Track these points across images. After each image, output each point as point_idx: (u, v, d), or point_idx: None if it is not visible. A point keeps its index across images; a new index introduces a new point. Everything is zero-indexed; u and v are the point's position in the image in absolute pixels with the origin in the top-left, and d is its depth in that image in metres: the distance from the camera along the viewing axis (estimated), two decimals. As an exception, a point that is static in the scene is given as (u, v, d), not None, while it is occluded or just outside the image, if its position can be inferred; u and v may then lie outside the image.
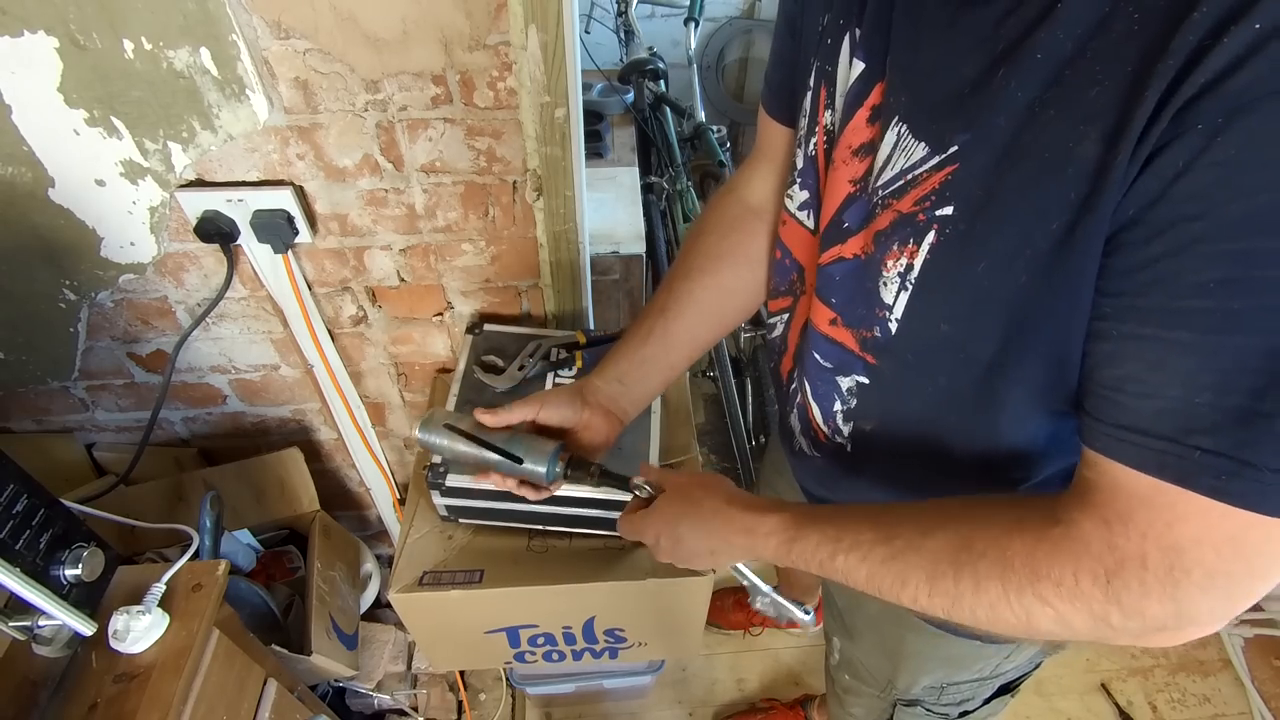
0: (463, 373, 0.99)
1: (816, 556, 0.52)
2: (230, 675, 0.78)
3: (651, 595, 0.92)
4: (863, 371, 0.59)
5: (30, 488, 0.64)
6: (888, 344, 0.55)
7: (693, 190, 1.95)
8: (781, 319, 0.72)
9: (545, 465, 0.66)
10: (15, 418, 1.14)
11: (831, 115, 0.56)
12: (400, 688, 1.47)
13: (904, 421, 0.60)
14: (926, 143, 0.47)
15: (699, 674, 1.62)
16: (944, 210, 0.46)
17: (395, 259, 1.01)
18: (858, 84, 0.52)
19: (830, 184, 0.57)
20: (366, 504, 1.47)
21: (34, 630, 0.65)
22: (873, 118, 0.52)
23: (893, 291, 0.52)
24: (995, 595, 0.44)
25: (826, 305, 0.60)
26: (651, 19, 2.59)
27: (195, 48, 0.75)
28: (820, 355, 0.62)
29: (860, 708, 0.96)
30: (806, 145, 0.60)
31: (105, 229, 0.90)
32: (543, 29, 0.76)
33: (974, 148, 0.44)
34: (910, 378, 0.56)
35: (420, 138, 0.87)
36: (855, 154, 0.54)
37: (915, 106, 0.48)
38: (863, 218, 0.54)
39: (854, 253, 0.55)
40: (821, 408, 0.65)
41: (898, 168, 0.49)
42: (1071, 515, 0.42)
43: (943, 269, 0.48)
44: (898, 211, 0.50)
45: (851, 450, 0.65)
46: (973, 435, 0.56)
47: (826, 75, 0.56)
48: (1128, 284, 0.39)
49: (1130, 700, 1.59)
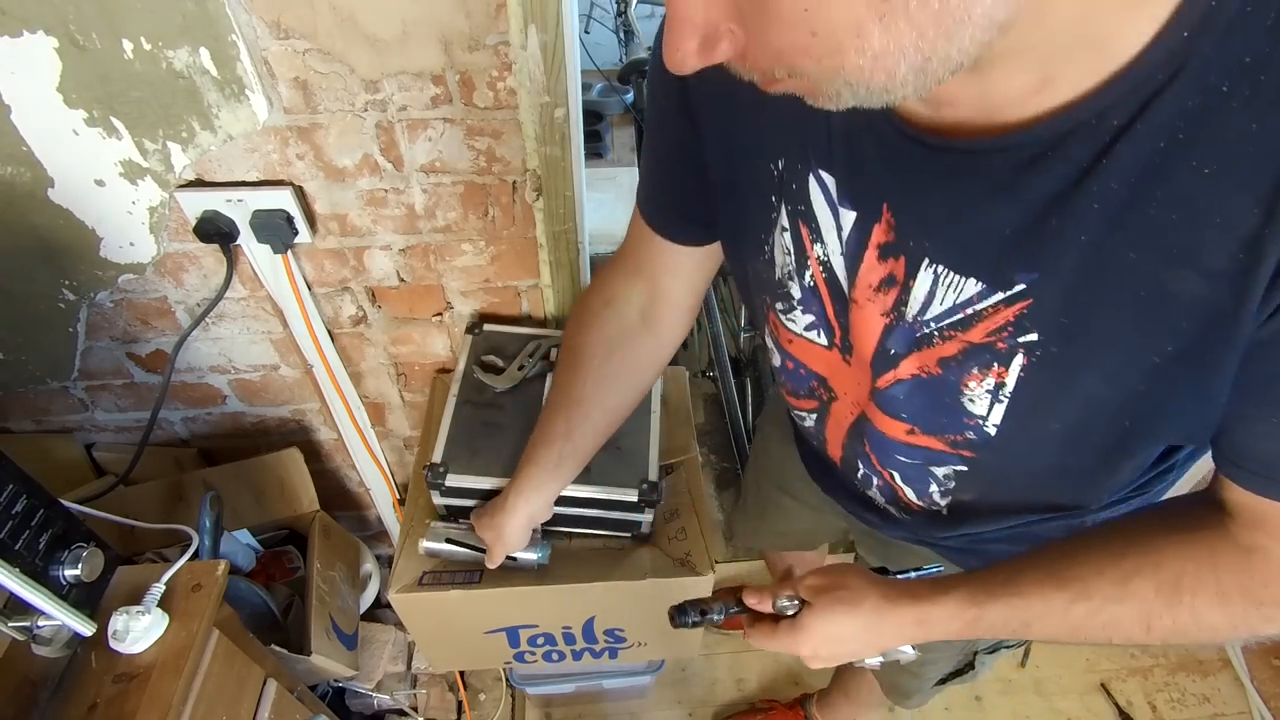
0: (462, 373, 0.99)
1: (1007, 628, 0.54)
2: (230, 675, 0.78)
3: (651, 595, 0.92)
4: (959, 463, 0.58)
5: (30, 488, 0.64)
6: (986, 444, 0.54)
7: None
8: (809, 415, 0.71)
9: (536, 553, 0.88)
10: (15, 418, 1.14)
11: (822, 249, 0.54)
12: (400, 688, 1.47)
13: (1008, 491, 0.61)
14: (980, 280, 0.46)
15: (699, 674, 1.62)
16: (1028, 336, 0.46)
17: (395, 259, 1.01)
18: (855, 230, 0.51)
19: (858, 320, 0.55)
20: (366, 504, 1.47)
21: (33, 630, 0.65)
22: (883, 255, 0.50)
23: (984, 405, 0.51)
24: (1219, 622, 0.48)
25: (897, 420, 0.58)
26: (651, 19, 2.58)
27: (195, 48, 0.75)
28: (902, 456, 0.61)
29: (938, 666, 0.96)
30: (800, 278, 0.58)
31: (105, 229, 0.90)
32: (542, 29, 0.76)
33: (1045, 285, 0.43)
34: (1015, 463, 0.56)
35: (420, 138, 0.87)
36: (878, 290, 0.52)
37: (947, 249, 0.47)
38: (910, 343, 0.52)
39: (913, 373, 0.54)
40: (914, 490, 0.65)
41: (948, 303, 0.48)
42: (1261, 543, 0.47)
43: (1044, 385, 0.47)
44: (966, 341, 0.49)
45: (948, 514, 0.66)
46: (1078, 492, 0.60)
47: (803, 214, 0.54)
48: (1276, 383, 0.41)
49: (1130, 700, 1.59)
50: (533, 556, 0.88)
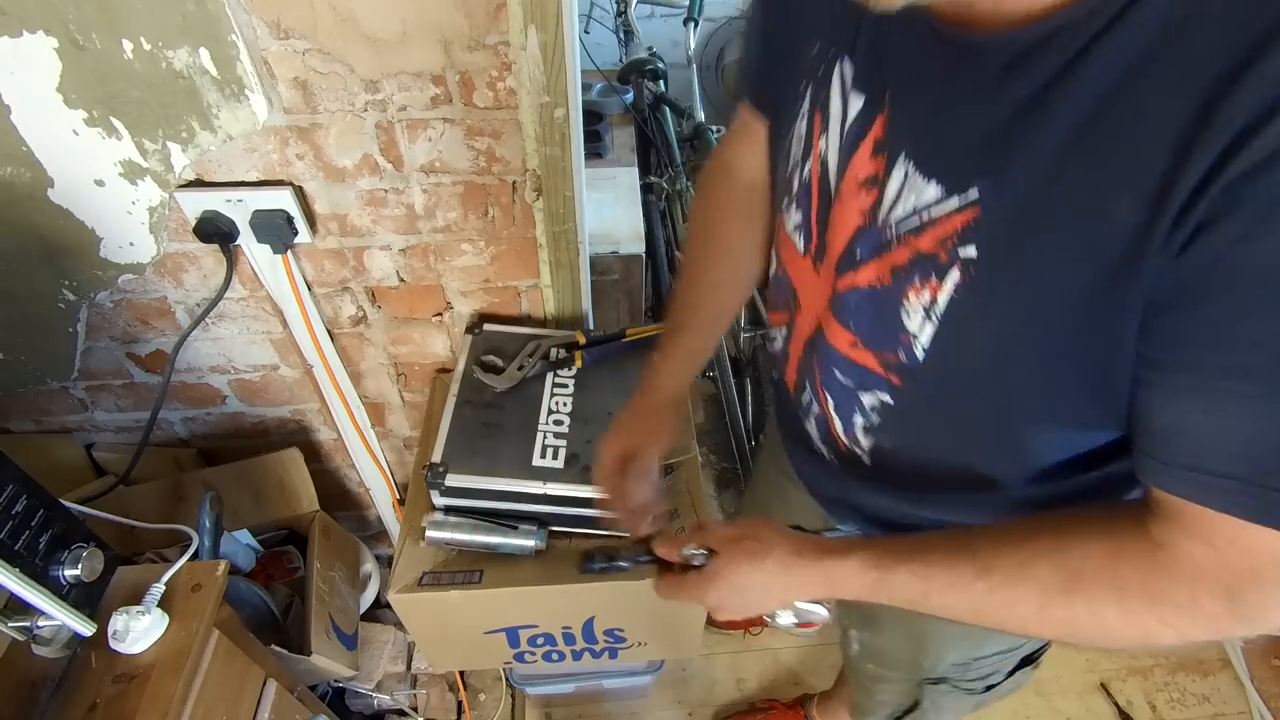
0: (462, 373, 0.99)
1: (905, 594, 0.53)
2: (230, 675, 0.78)
3: (651, 595, 0.91)
4: (887, 391, 0.59)
5: (30, 488, 0.64)
6: (914, 368, 0.54)
7: (692, 190, 1.95)
8: (781, 333, 0.72)
9: (534, 540, 0.89)
10: (15, 418, 1.14)
11: (825, 142, 0.56)
12: (400, 688, 1.47)
13: (926, 440, 0.60)
14: (941, 183, 0.47)
15: (699, 674, 1.62)
16: (967, 251, 0.46)
17: (395, 259, 1.01)
18: (859, 117, 0.52)
19: (838, 214, 0.56)
20: (366, 504, 1.47)
21: (33, 630, 0.65)
22: (876, 150, 0.51)
23: (917, 321, 0.52)
24: (1112, 619, 0.46)
25: (845, 328, 0.59)
26: (651, 19, 2.59)
27: (194, 48, 0.75)
28: (840, 373, 0.62)
29: (888, 692, 0.97)
30: (801, 169, 0.60)
31: (104, 229, 0.90)
32: (542, 29, 0.76)
33: (995, 194, 0.44)
34: (936, 401, 0.56)
35: (420, 138, 0.87)
36: (863, 186, 0.53)
37: (923, 146, 0.48)
38: (874, 248, 0.53)
39: (869, 282, 0.55)
40: (842, 420, 0.65)
41: (909, 205, 0.49)
42: (1172, 539, 0.44)
43: (970, 307, 0.48)
44: (916, 249, 0.50)
45: (870, 464, 0.66)
46: (995, 454, 0.57)
47: (820, 103, 0.56)
48: (1183, 339, 0.40)
49: (1130, 700, 1.59)
50: (529, 543, 0.89)
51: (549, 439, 0.92)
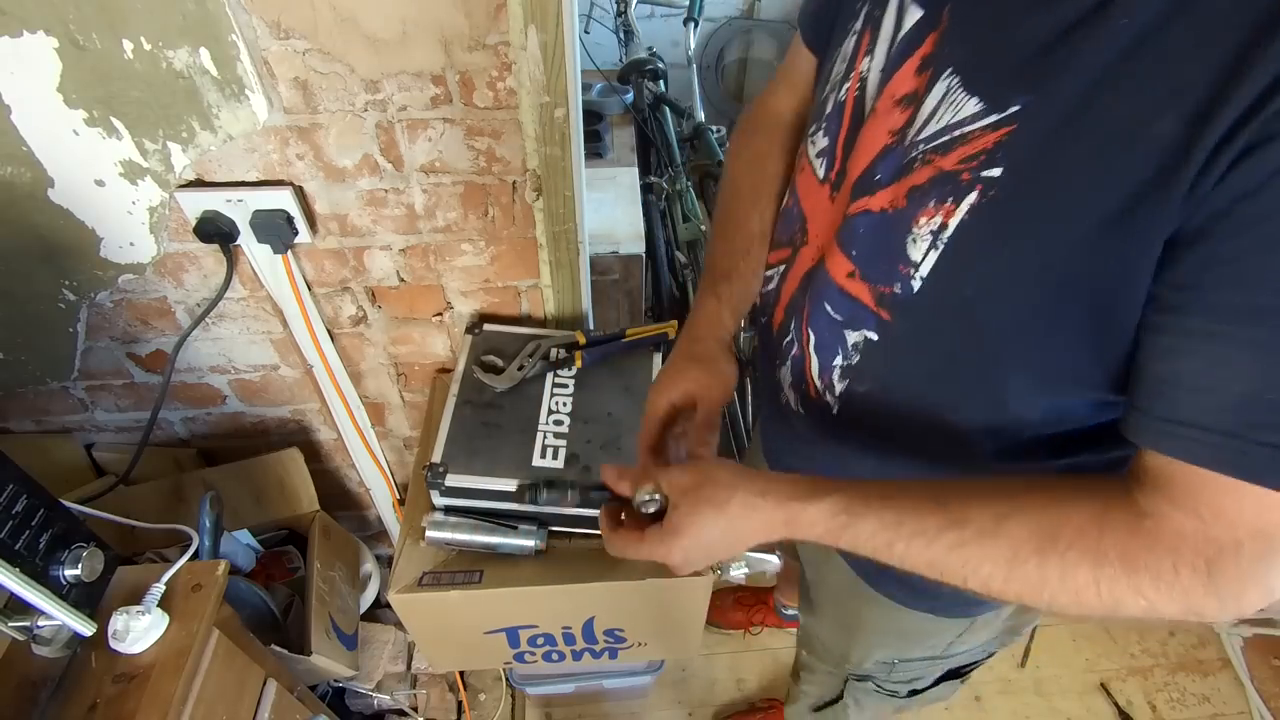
0: (462, 373, 0.99)
1: (871, 543, 0.50)
2: (230, 675, 0.78)
3: (651, 595, 0.92)
4: (874, 327, 0.57)
5: (30, 488, 0.64)
6: (907, 301, 0.53)
7: (692, 190, 1.95)
8: (778, 271, 0.70)
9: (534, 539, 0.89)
10: (15, 418, 1.14)
11: (869, 62, 0.55)
12: (400, 688, 1.47)
13: (903, 385, 0.58)
14: (981, 99, 0.46)
15: (699, 674, 1.62)
16: (991, 171, 0.45)
17: (395, 259, 1.01)
18: (912, 31, 0.51)
19: (867, 133, 0.55)
20: (366, 504, 1.47)
21: (33, 630, 0.65)
22: (921, 67, 0.50)
23: (921, 249, 0.50)
24: (1083, 583, 0.44)
25: (846, 257, 0.58)
26: (651, 19, 2.59)
27: (195, 48, 0.75)
28: (831, 306, 0.60)
29: (814, 684, 0.98)
30: (839, 90, 0.59)
31: (105, 229, 0.90)
32: (542, 29, 0.76)
33: (1036, 111, 0.43)
34: (923, 339, 0.54)
35: (420, 138, 0.87)
36: (898, 104, 0.52)
37: (973, 60, 0.47)
38: (896, 170, 0.52)
39: (881, 206, 0.53)
40: (820, 359, 0.63)
41: (943, 122, 0.48)
42: (1158, 508, 0.43)
43: (980, 232, 0.47)
44: (939, 168, 0.48)
45: (837, 413, 0.63)
46: (971, 408, 0.55)
47: (873, 21, 0.55)
48: (1203, 277, 0.39)
49: (1130, 700, 1.59)
50: (529, 543, 0.89)
51: (549, 439, 0.92)
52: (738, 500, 0.54)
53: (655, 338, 1.05)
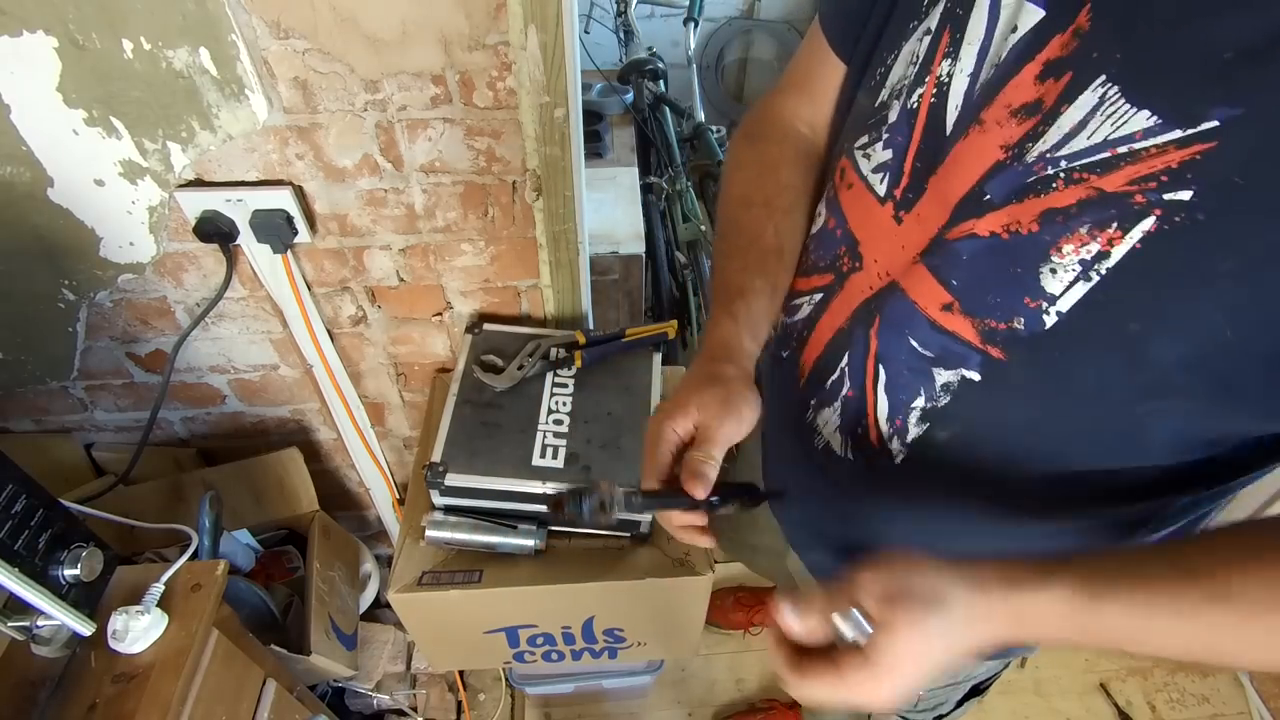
0: (462, 372, 0.99)
1: (1121, 634, 0.40)
2: (229, 675, 0.78)
3: (650, 595, 0.92)
4: (977, 367, 0.50)
5: (29, 488, 0.64)
6: (1032, 339, 0.46)
7: (692, 190, 1.95)
8: (810, 300, 0.63)
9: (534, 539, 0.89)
10: (14, 418, 1.14)
11: (950, 65, 0.49)
12: (399, 688, 1.47)
13: (1000, 429, 0.51)
14: (1157, 112, 0.39)
15: (698, 674, 1.62)
16: (1177, 195, 0.39)
17: (395, 259, 1.01)
18: (1032, 34, 0.44)
19: (966, 148, 0.49)
20: (366, 504, 1.47)
21: (33, 630, 0.65)
22: (1045, 74, 0.44)
23: (1064, 280, 0.44)
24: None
25: (943, 286, 0.50)
26: (651, 19, 2.59)
27: (194, 48, 0.75)
28: (917, 342, 0.53)
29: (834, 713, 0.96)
30: (906, 97, 0.52)
31: (104, 229, 0.90)
32: (542, 29, 0.76)
33: (1243, 127, 0.37)
34: (1046, 379, 0.48)
35: (420, 138, 0.87)
36: (1014, 115, 0.46)
37: (1138, 66, 0.40)
38: (1015, 190, 0.46)
39: (991, 230, 0.47)
40: (892, 401, 0.56)
41: (1099, 137, 0.41)
42: None
43: (1159, 262, 0.41)
44: (1095, 189, 0.42)
45: (901, 462, 0.57)
46: (1089, 451, 0.49)
47: (954, 20, 0.49)
48: None
49: (1129, 700, 1.59)
50: (529, 543, 0.89)
51: (549, 439, 0.92)
52: (953, 605, 0.41)
53: (655, 337, 1.05)
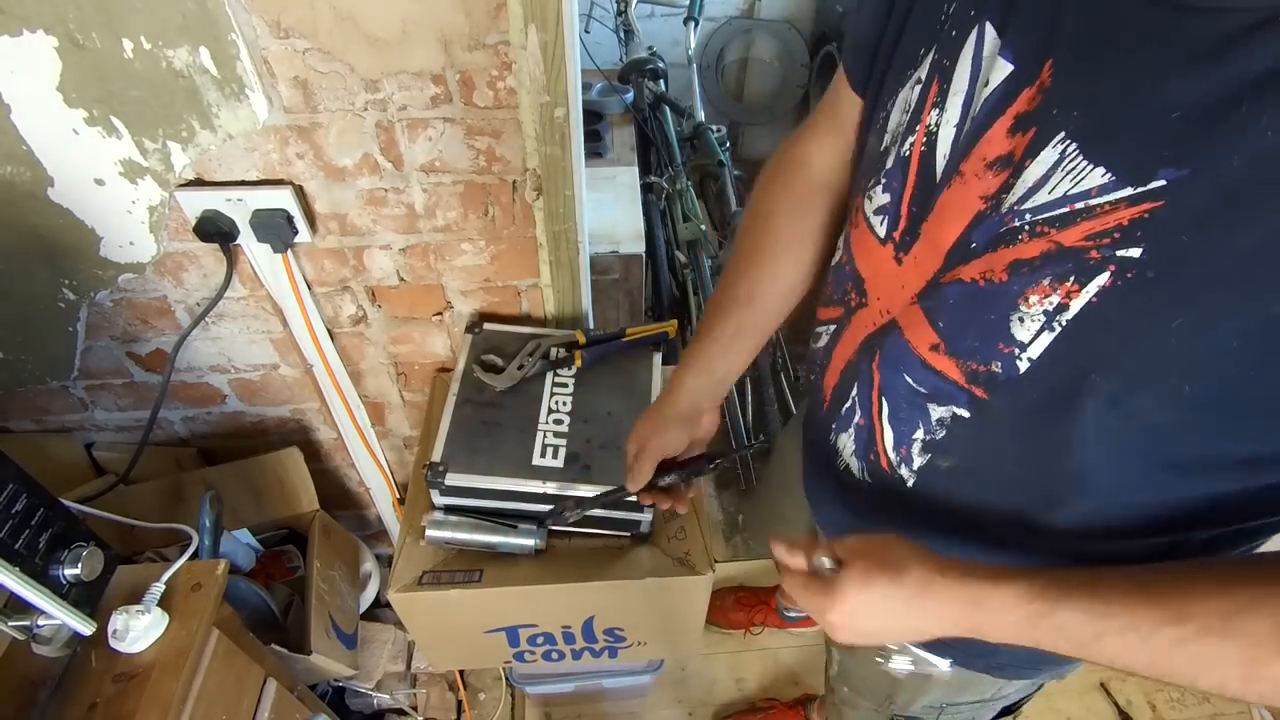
0: (462, 372, 0.99)
1: (1075, 637, 0.44)
2: (230, 675, 0.78)
3: (651, 594, 0.92)
4: (966, 405, 0.53)
5: (30, 487, 0.64)
6: (1010, 383, 0.48)
7: (692, 190, 1.96)
8: (827, 330, 0.66)
9: (534, 539, 0.90)
10: (14, 417, 1.14)
11: (938, 116, 0.50)
12: (400, 687, 1.47)
13: (999, 463, 0.54)
14: (1110, 170, 0.41)
15: (698, 673, 1.62)
16: (1128, 251, 0.40)
17: (395, 259, 1.01)
18: (1002, 88, 0.46)
19: (951, 197, 0.50)
20: (366, 504, 1.47)
21: (33, 630, 0.65)
22: (1015, 128, 0.45)
23: (1031, 330, 0.46)
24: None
25: (932, 328, 0.53)
26: (651, 19, 2.59)
27: (195, 47, 0.75)
28: (912, 379, 0.56)
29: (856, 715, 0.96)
30: (900, 145, 0.54)
31: (104, 228, 0.90)
32: (542, 28, 0.76)
33: (1190, 187, 0.38)
34: (1027, 419, 0.50)
35: (420, 137, 0.87)
36: (990, 167, 0.47)
37: (1094, 125, 0.42)
38: (991, 240, 0.47)
39: (972, 277, 0.49)
40: (896, 432, 0.59)
41: (1059, 192, 0.43)
42: None
43: (1113, 317, 0.42)
44: (1055, 242, 0.43)
45: (912, 486, 0.60)
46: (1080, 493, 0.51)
47: (942, 70, 0.50)
48: None
49: (1130, 700, 1.59)
50: (529, 543, 0.89)
51: (549, 438, 0.92)
52: (915, 574, 0.48)
53: (655, 337, 1.05)
